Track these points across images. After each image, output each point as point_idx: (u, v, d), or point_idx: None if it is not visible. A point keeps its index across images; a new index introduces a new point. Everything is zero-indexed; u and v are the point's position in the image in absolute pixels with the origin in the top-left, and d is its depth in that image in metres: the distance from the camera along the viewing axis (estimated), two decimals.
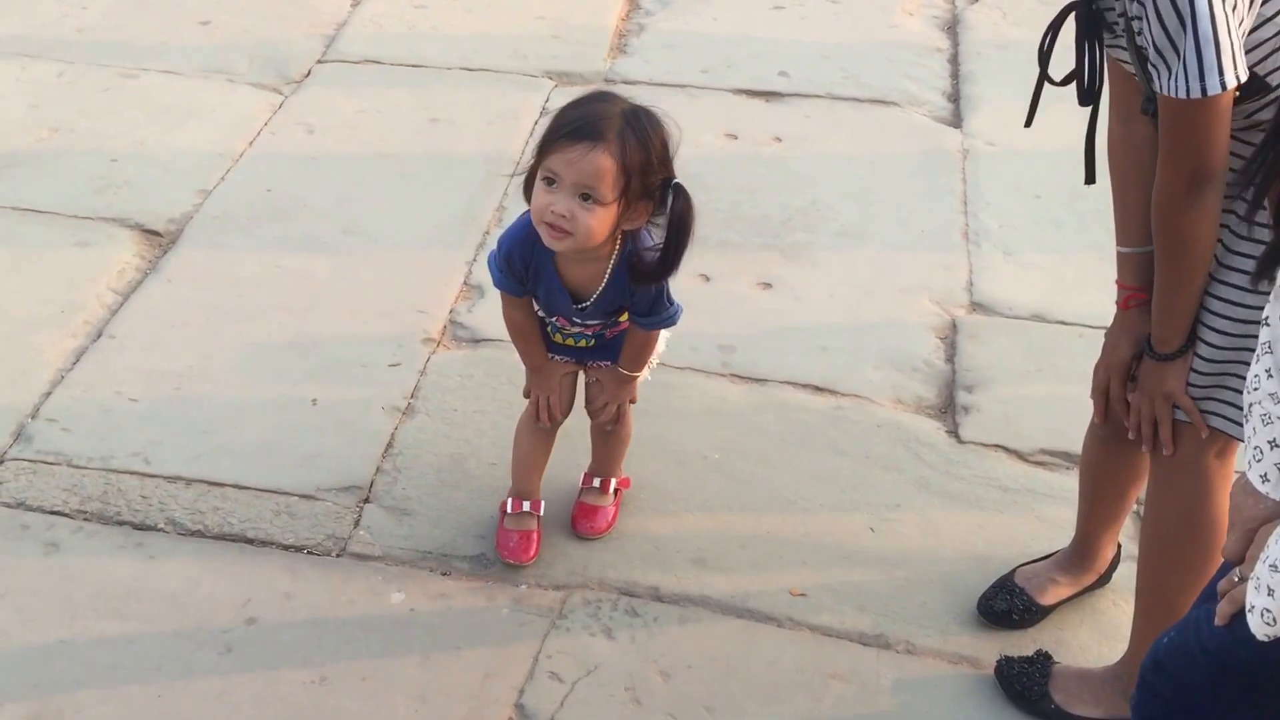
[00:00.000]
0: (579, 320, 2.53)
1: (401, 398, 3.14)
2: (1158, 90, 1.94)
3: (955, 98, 4.56)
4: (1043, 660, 2.49)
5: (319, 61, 4.55)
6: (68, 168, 3.90)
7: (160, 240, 3.65)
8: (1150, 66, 1.94)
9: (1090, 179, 2.30)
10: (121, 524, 2.78)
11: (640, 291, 2.46)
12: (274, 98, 4.32)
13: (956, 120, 4.41)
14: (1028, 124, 2.35)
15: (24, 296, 3.38)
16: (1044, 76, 2.25)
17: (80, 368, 3.18)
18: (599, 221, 2.29)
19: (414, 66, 4.55)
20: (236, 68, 4.47)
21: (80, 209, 3.73)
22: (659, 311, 2.52)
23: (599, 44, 4.71)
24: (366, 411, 3.10)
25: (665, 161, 2.33)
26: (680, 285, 3.51)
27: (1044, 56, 2.23)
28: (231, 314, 3.38)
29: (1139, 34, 1.95)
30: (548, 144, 2.28)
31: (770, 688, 2.52)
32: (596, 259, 2.42)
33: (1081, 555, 2.64)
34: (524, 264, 2.45)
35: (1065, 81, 2.19)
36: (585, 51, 4.66)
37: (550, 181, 2.28)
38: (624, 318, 2.58)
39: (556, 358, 2.65)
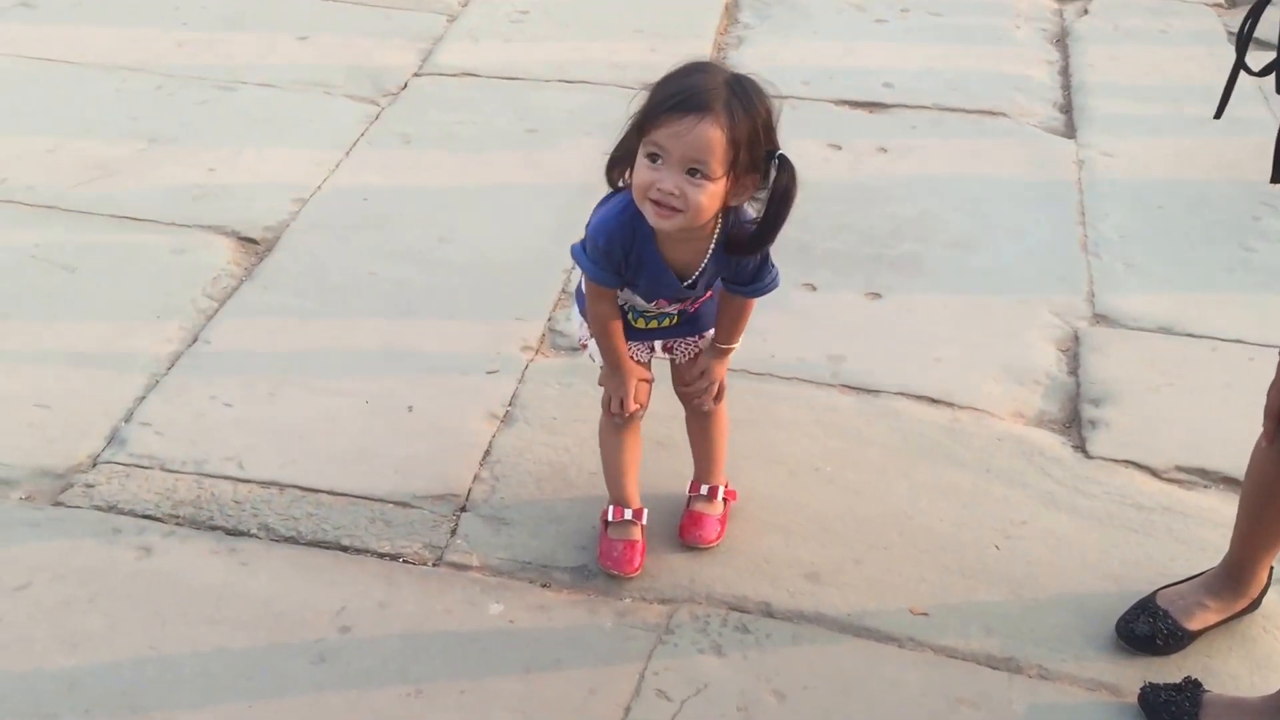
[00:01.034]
0: (680, 299, 2.40)
1: (499, 405, 3.04)
2: None
3: (1067, 109, 4.40)
4: (1192, 688, 2.31)
5: (415, 75, 4.50)
6: (166, 177, 3.87)
7: (256, 248, 3.59)
8: None
9: (1277, 177, 2.13)
10: (214, 529, 2.69)
11: (743, 260, 2.33)
12: (370, 109, 4.27)
13: (1070, 131, 4.25)
14: (1218, 115, 2.19)
15: (121, 301, 3.33)
16: (1240, 65, 2.09)
17: (175, 372, 3.11)
18: (709, 197, 2.16)
19: (510, 79, 4.48)
20: (333, 81, 4.43)
21: (178, 217, 3.68)
22: (763, 277, 2.38)
23: (697, 56, 4.57)
24: (463, 419, 2.99)
25: (770, 132, 2.19)
26: (787, 294, 3.41)
27: (1243, 43, 2.07)
28: (327, 321, 3.30)
29: None
30: (651, 118, 2.15)
31: (892, 712, 2.36)
32: (700, 236, 2.28)
33: (1234, 579, 2.46)
34: (624, 251, 2.32)
35: (1264, 72, 2.03)
36: (683, 63, 4.54)
37: (654, 158, 2.15)
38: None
39: (634, 345, 2.52)
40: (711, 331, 2.52)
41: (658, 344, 2.55)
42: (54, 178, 3.84)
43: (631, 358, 2.52)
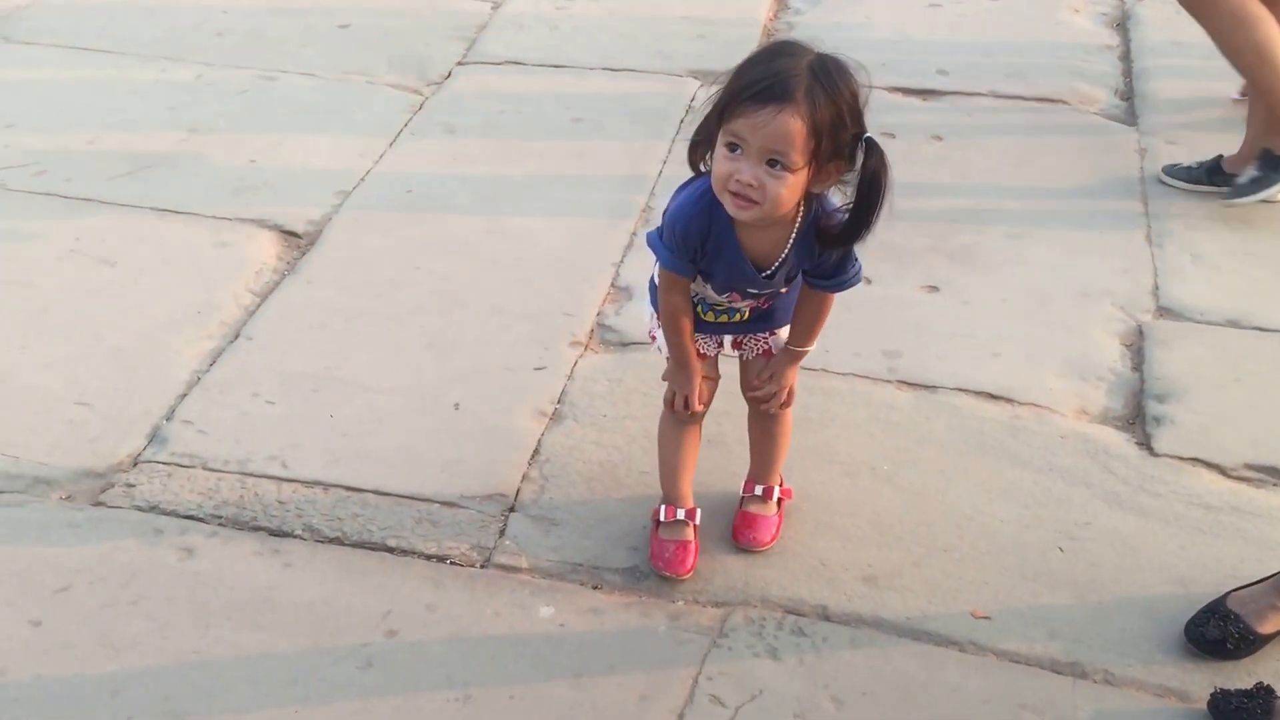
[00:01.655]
0: (756, 291, 2.32)
1: (548, 403, 2.97)
2: None
3: (1129, 95, 4.28)
4: (1265, 695, 2.22)
5: (459, 63, 4.44)
6: (207, 168, 3.82)
7: (299, 241, 3.54)
8: None
9: None
10: (257, 530, 2.64)
11: (826, 252, 2.25)
12: (414, 99, 4.21)
13: (1131, 119, 4.14)
14: None
15: (162, 296, 3.29)
16: None
17: (217, 369, 3.06)
18: (789, 189, 2.08)
19: (556, 67, 4.41)
20: (376, 69, 4.38)
21: (219, 210, 3.64)
22: (846, 270, 2.29)
23: (747, 42, 4.51)
24: (511, 417, 2.93)
25: (856, 116, 2.10)
26: None
27: None
28: (371, 316, 3.25)
29: None
30: (731, 107, 2.07)
31: (954, 718, 2.28)
32: (781, 224, 2.20)
33: None
34: (702, 238, 2.24)
35: None
36: (731, 50, 4.40)
37: (733, 147, 2.08)
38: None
39: (702, 338, 2.44)
40: (784, 330, 2.43)
41: (727, 340, 2.47)
42: (93, 169, 3.80)
43: (699, 352, 2.44)
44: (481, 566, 2.57)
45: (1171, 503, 2.73)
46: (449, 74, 4.37)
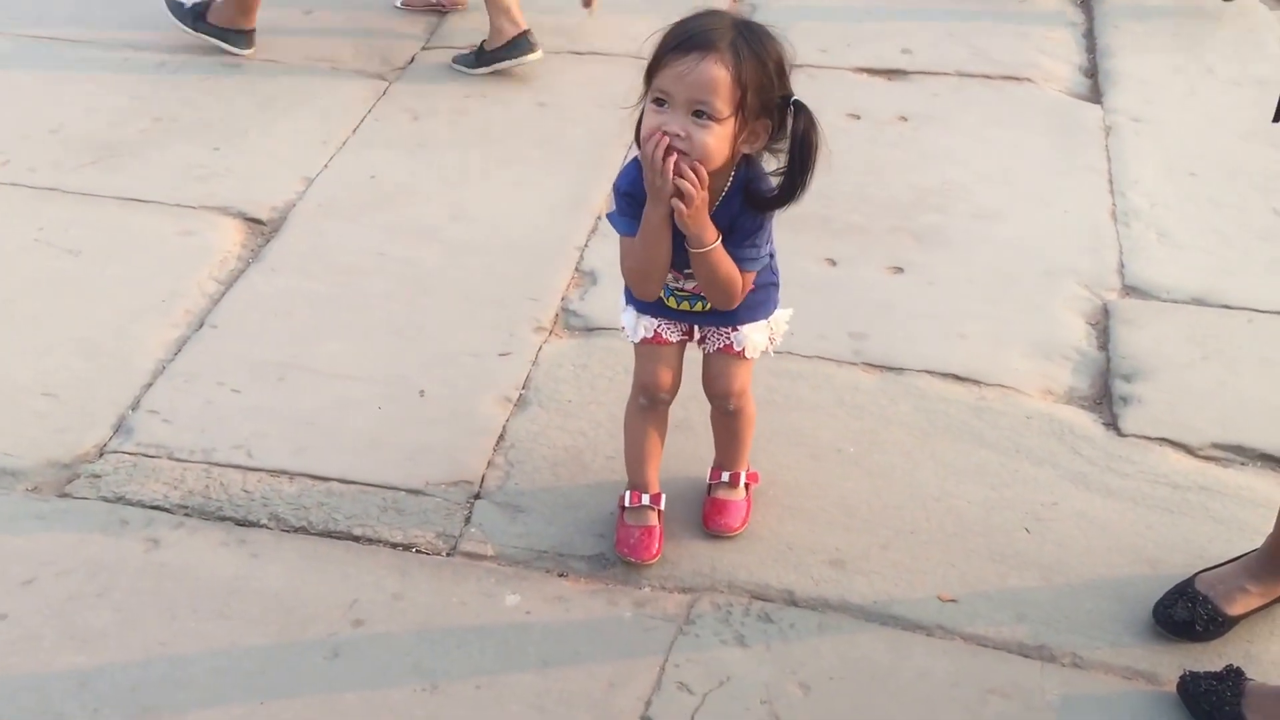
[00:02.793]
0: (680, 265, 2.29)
1: (513, 389, 2.96)
2: None
3: (1093, 72, 4.29)
4: (1234, 677, 2.22)
5: (424, 48, 4.41)
6: (171, 157, 3.79)
7: (263, 229, 3.52)
8: None
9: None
10: (223, 520, 2.62)
11: (745, 216, 2.21)
12: (378, 84, 4.19)
13: (1096, 96, 4.15)
14: (1276, 118, 2.08)
15: (127, 286, 3.26)
16: None
17: (182, 358, 3.04)
18: (716, 139, 2.07)
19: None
20: (340, 55, 4.35)
21: (184, 198, 3.61)
22: (744, 248, 2.23)
23: None
24: (477, 403, 2.92)
25: (783, 77, 2.10)
26: (806, 270, 3.34)
27: None
28: (336, 303, 3.23)
29: None
30: (655, 63, 2.08)
31: (921, 703, 2.29)
32: (711, 186, 2.16)
33: (1277, 561, 2.37)
34: (643, 194, 2.21)
35: None
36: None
37: (660, 102, 2.07)
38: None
39: (666, 323, 2.43)
40: (746, 326, 2.41)
41: (696, 330, 2.46)
42: (57, 159, 3.76)
43: (663, 336, 2.44)
44: (447, 555, 2.56)
45: (1139, 483, 2.74)
46: (413, 59, 4.34)
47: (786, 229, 3.42)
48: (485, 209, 3.59)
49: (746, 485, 2.64)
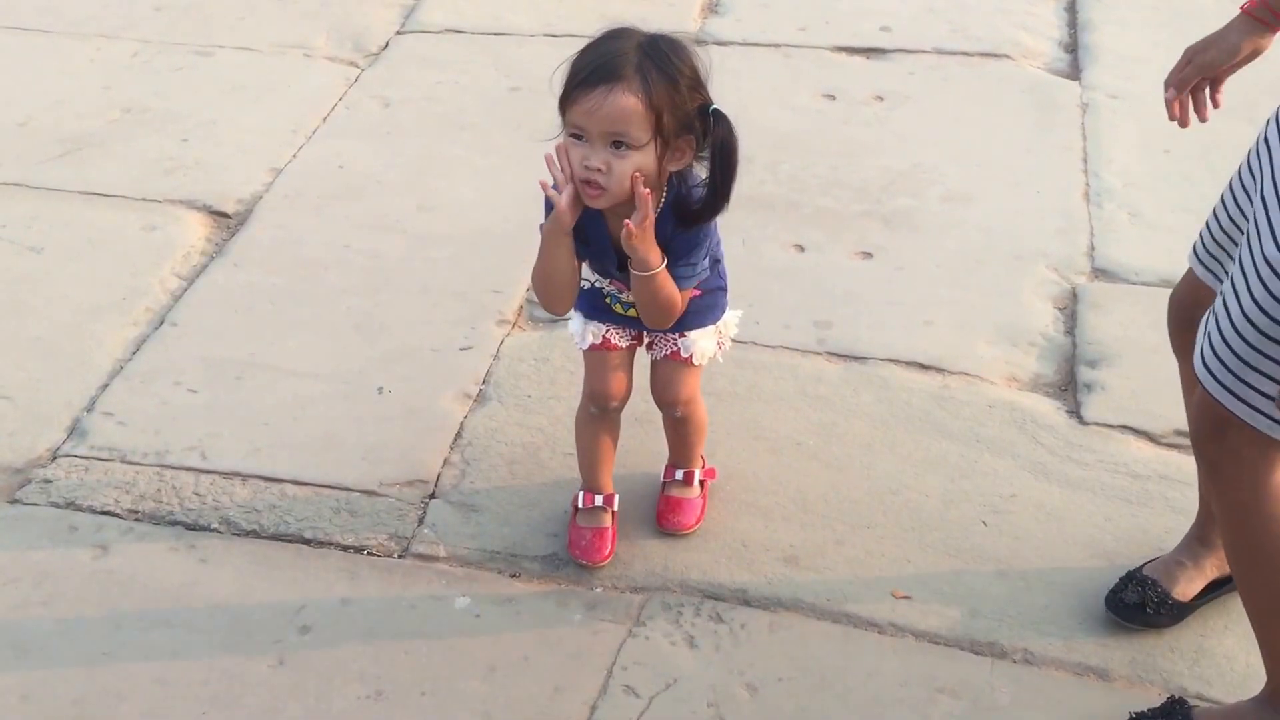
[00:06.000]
0: (623, 280, 2.27)
1: (473, 384, 2.94)
2: None
3: (1072, 48, 4.22)
4: (1179, 707, 2.15)
5: (398, 32, 4.37)
6: (138, 149, 3.77)
7: (229, 222, 3.49)
8: None
9: None
10: (174, 524, 2.61)
11: (679, 235, 2.18)
12: (350, 71, 4.15)
13: (1074, 72, 4.08)
14: None
15: (86, 283, 3.24)
16: None
17: (140, 358, 3.02)
18: (640, 165, 2.05)
19: (496, 34, 4.34)
20: (314, 42, 4.31)
21: (149, 191, 3.59)
22: (678, 266, 2.19)
23: (689, 4, 4.45)
24: (435, 399, 2.90)
25: (697, 87, 2.08)
26: (773, 256, 3.30)
27: None
28: (298, 298, 3.21)
29: None
30: (565, 98, 2.06)
31: (870, 703, 2.27)
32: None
33: (1199, 535, 2.36)
34: (577, 226, 2.19)
35: None
36: (674, 13, 4.39)
37: (578, 137, 2.06)
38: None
39: (615, 329, 2.40)
40: (694, 333, 2.37)
41: (645, 335, 2.43)
42: (25, 152, 3.75)
43: (612, 342, 2.41)
44: (399, 556, 2.55)
45: (1099, 472, 2.70)
46: (386, 44, 4.30)
47: (755, 214, 3.42)
48: (453, 199, 3.56)
49: (702, 482, 2.62)
